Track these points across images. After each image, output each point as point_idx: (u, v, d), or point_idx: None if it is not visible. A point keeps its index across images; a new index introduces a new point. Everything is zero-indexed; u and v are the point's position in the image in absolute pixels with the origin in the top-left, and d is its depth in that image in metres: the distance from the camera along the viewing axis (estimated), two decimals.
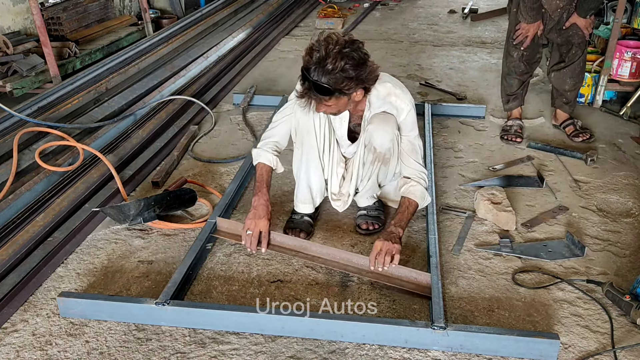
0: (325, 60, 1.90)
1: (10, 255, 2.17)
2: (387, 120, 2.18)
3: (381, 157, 2.25)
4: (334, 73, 1.91)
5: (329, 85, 1.93)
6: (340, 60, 1.90)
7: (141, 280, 2.14)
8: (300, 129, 2.25)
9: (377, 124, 2.18)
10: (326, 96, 1.96)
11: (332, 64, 1.90)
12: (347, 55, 1.92)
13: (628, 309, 1.91)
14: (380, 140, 2.20)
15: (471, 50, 5.08)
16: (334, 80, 1.92)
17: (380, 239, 2.09)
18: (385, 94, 2.17)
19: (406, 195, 2.22)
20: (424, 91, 4.07)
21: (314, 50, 1.93)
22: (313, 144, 2.26)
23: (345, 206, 2.40)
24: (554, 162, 3.01)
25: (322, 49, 1.91)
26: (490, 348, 1.78)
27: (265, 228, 2.19)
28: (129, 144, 3.12)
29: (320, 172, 2.34)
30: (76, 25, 5.18)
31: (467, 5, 6.66)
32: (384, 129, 2.18)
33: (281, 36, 5.55)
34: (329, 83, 1.92)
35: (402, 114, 2.20)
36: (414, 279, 2.06)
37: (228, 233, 2.32)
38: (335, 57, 1.90)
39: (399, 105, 2.18)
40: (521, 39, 3.08)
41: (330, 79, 1.92)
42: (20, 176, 2.73)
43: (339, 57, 1.90)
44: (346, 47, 1.92)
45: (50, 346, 1.84)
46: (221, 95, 3.99)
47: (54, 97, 3.57)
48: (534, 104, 3.80)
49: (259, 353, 1.81)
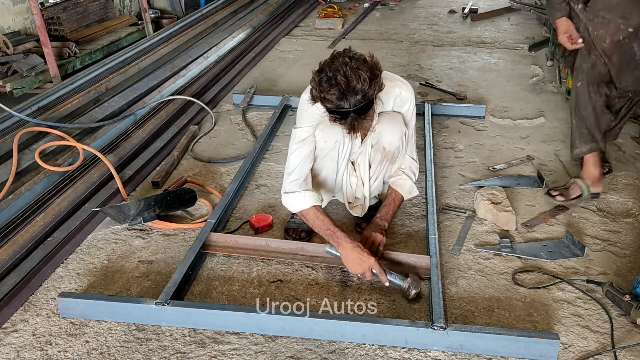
0: (349, 85, 1.85)
1: (10, 255, 2.17)
2: (395, 118, 2.20)
3: (390, 155, 2.27)
4: (363, 88, 1.86)
5: (366, 100, 1.89)
6: (357, 74, 1.85)
7: (141, 280, 2.14)
8: (324, 156, 2.23)
9: (386, 123, 2.19)
10: (367, 112, 1.93)
11: (356, 81, 1.85)
12: (356, 66, 1.87)
13: (628, 309, 1.91)
14: (390, 139, 2.21)
15: (471, 51, 5.08)
16: (363, 93, 1.87)
17: (367, 229, 2.23)
18: (389, 86, 2.15)
19: (395, 187, 2.33)
20: (424, 91, 4.07)
21: (331, 86, 1.86)
22: (333, 168, 2.28)
23: (364, 211, 2.40)
24: (553, 162, 3.01)
25: (340, 78, 1.84)
26: (491, 348, 1.78)
27: (374, 265, 2.01)
28: (129, 144, 3.12)
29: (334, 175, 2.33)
30: (76, 25, 5.18)
31: (467, 5, 6.66)
32: (393, 127, 2.20)
33: (281, 36, 5.55)
34: (364, 97, 1.88)
35: (407, 104, 2.24)
36: (413, 262, 2.14)
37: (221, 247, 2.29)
38: (352, 75, 1.85)
39: (403, 95, 2.22)
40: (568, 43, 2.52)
41: (363, 95, 1.87)
42: (20, 176, 2.73)
43: (354, 73, 1.85)
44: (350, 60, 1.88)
45: (50, 346, 1.84)
46: (221, 95, 3.99)
47: (54, 97, 3.57)
48: (534, 104, 3.81)
49: (259, 353, 1.81)
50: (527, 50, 5.05)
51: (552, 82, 4.15)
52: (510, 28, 5.88)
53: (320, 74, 1.90)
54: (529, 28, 5.83)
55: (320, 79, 1.89)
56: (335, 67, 1.87)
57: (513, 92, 4.05)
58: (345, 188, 2.38)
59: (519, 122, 3.52)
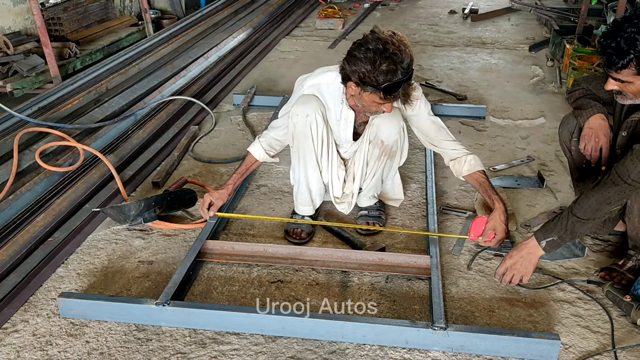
0: (401, 53, 1.88)
1: (10, 256, 2.17)
2: (392, 112, 2.17)
3: (388, 150, 2.26)
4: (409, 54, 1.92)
5: (412, 67, 1.94)
6: (401, 41, 1.91)
7: (141, 281, 2.14)
8: (297, 134, 2.23)
9: (384, 117, 2.18)
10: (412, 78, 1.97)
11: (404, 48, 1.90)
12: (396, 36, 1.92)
13: (628, 309, 1.91)
14: (388, 132, 2.21)
15: (471, 51, 5.08)
16: (410, 59, 1.92)
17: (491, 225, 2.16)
18: None
19: (473, 171, 2.25)
20: (424, 91, 4.03)
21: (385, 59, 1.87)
22: (310, 149, 2.25)
23: (350, 208, 2.39)
24: (554, 163, 3.01)
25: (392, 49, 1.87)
26: (491, 348, 1.78)
27: (215, 198, 2.32)
28: (130, 144, 3.12)
29: (318, 175, 2.33)
30: (77, 26, 5.18)
31: (468, 5, 6.66)
32: (391, 121, 2.19)
33: (281, 36, 5.55)
34: (410, 65, 1.93)
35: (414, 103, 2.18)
36: (413, 263, 2.13)
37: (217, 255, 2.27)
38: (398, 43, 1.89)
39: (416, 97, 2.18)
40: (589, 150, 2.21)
41: (409, 62, 1.92)
42: (20, 176, 2.73)
43: (399, 41, 1.90)
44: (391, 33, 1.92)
45: (51, 346, 1.84)
46: (221, 96, 3.99)
47: (54, 97, 3.57)
48: (534, 104, 3.81)
49: (259, 353, 1.81)
50: (528, 50, 5.05)
51: (553, 83, 4.15)
52: (510, 28, 5.88)
53: (366, 51, 1.88)
54: (529, 28, 5.83)
55: (371, 55, 1.87)
56: (384, 40, 1.87)
57: (513, 92, 4.05)
58: (333, 182, 2.36)
59: (520, 123, 3.52)
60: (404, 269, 2.14)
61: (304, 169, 2.31)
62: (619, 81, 1.87)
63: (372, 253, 2.18)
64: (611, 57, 1.80)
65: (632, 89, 1.87)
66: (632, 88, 1.86)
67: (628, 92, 1.89)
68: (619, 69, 1.81)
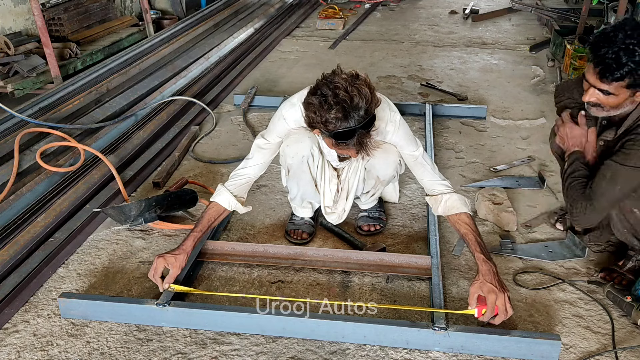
0: (352, 101, 1.71)
1: (11, 256, 2.17)
2: (387, 150, 2.11)
3: (385, 183, 2.31)
4: (365, 102, 1.74)
5: (369, 115, 1.77)
6: (358, 88, 1.73)
7: (142, 281, 2.14)
8: (294, 169, 2.18)
9: (379, 157, 2.13)
10: (371, 126, 1.81)
11: (358, 96, 1.72)
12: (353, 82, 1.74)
13: (629, 309, 1.91)
14: (384, 172, 2.23)
15: (472, 51, 5.08)
16: (366, 108, 1.75)
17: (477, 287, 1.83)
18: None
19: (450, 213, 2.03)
20: (425, 92, 4.07)
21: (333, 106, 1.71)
22: (305, 169, 2.19)
23: (339, 220, 2.37)
24: (554, 163, 3.01)
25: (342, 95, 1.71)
26: (492, 349, 1.78)
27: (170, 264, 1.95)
28: (130, 144, 3.12)
29: (312, 184, 2.28)
30: (77, 26, 5.19)
31: (468, 5, 6.66)
32: (386, 162, 2.18)
33: (282, 37, 5.55)
34: (367, 112, 1.76)
35: (388, 135, 2.07)
36: (414, 263, 2.13)
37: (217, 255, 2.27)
38: (353, 90, 1.72)
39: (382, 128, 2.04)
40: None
41: (366, 110, 1.75)
42: (21, 177, 2.73)
43: (355, 88, 1.72)
44: (347, 77, 1.76)
45: (51, 347, 1.84)
46: (222, 96, 3.99)
47: (55, 97, 3.57)
48: (534, 104, 3.80)
49: (260, 354, 1.81)
50: (528, 50, 5.05)
51: (553, 83, 4.15)
52: (511, 29, 5.88)
53: (316, 96, 1.75)
54: (530, 29, 5.82)
55: (320, 101, 1.73)
56: (334, 85, 1.72)
57: (514, 92, 4.05)
58: (324, 193, 2.30)
59: (520, 123, 3.52)
60: (405, 269, 2.14)
61: (297, 179, 2.26)
62: (604, 92, 1.80)
63: (372, 253, 2.19)
64: (609, 67, 1.74)
65: (613, 101, 1.81)
66: (613, 101, 1.81)
67: (607, 104, 1.83)
68: (614, 80, 1.75)
